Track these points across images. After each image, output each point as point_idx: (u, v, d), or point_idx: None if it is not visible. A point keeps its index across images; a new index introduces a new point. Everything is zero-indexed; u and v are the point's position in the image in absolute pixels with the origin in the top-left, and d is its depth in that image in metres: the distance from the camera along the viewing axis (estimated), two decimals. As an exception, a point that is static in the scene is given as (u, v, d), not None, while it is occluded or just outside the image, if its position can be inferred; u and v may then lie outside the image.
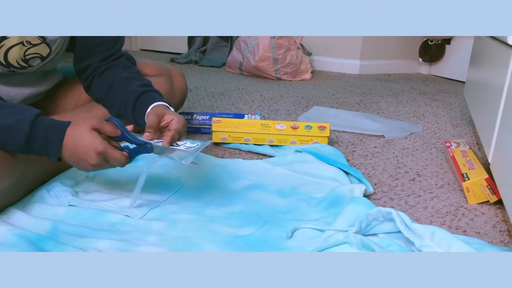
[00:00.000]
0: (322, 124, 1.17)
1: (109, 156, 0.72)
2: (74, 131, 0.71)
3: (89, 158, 0.70)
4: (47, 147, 0.71)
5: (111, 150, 0.72)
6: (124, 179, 0.91)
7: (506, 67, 0.86)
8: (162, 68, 1.11)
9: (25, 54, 0.84)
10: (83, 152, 0.71)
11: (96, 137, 0.71)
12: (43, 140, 0.70)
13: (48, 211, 0.76)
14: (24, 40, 0.82)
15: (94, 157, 0.70)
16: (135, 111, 0.89)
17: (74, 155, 0.71)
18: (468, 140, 1.35)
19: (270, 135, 1.17)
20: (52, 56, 0.89)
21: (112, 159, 0.72)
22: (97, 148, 0.70)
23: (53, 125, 0.72)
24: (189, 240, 0.70)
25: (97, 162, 0.71)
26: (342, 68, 2.66)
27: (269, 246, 0.70)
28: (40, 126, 0.71)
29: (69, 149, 0.71)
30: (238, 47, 2.38)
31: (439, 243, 0.62)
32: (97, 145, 0.70)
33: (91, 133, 0.71)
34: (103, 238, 0.69)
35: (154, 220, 0.76)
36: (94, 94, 0.99)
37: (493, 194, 0.88)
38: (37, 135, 0.70)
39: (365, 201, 0.79)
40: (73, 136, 0.71)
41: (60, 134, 0.71)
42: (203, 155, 1.06)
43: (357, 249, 0.65)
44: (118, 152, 0.73)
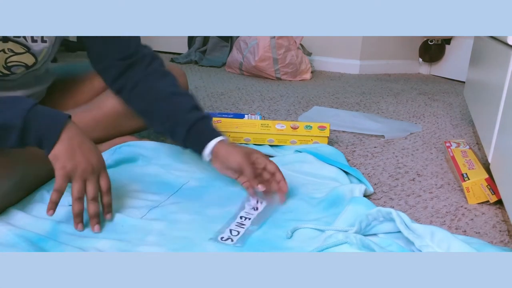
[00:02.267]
0: (322, 124, 1.17)
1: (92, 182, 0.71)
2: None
3: (91, 156, 0.70)
4: (44, 135, 0.68)
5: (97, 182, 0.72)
6: (124, 180, 0.91)
7: (506, 67, 0.86)
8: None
9: (6, 61, 0.81)
10: (88, 149, 0.70)
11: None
12: (39, 133, 0.68)
13: None
14: (5, 48, 0.79)
15: (92, 162, 0.70)
16: (188, 141, 0.86)
17: (71, 146, 0.69)
18: (468, 140, 1.35)
19: (270, 135, 1.17)
20: (39, 66, 0.87)
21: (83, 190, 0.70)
22: (97, 160, 0.71)
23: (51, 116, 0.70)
24: (190, 240, 0.70)
25: (84, 168, 0.69)
26: (342, 68, 2.66)
27: (269, 246, 0.70)
28: (35, 120, 0.67)
29: (68, 140, 0.69)
30: (238, 47, 2.38)
31: (439, 243, 0.62)
32: (99, 158, 0.72)
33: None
34: (103, 238, 0.69)
35: (154, 220, 0.76)
36: (133, 107, 0.93)
37: (493, 194, 0.88)
38: (31, 129, 0.67)
39: (365, 201, 0.79)
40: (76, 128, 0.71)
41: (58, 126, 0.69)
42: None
43: (357, 249, 0.65)
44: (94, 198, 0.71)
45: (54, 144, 0.68)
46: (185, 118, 0.86)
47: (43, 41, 0.85)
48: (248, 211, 0.79)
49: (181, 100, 0.89)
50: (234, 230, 0.72)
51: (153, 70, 0.92)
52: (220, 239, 0.70)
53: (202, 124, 0.86)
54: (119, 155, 0.98)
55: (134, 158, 1.00)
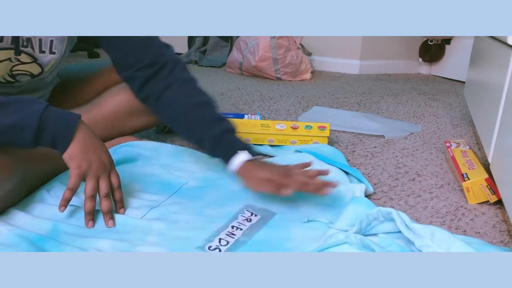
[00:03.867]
0: (322, 124, 1.17)
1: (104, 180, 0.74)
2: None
3: (103, 155, 0.74)
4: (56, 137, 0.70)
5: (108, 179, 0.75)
6: (125, 180, 0.91)
7: (506, 67, 0.86)
8: None
9: (11, 69, 0.81)
10: (100, 148, 0.73)
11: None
12: (53, 133, 0.70)
13: (49, 211, 0.76)
14: (12, 57, 0.79)
15: (103, 161, 0.73)
16: (216, 154, 0.87)
17: (86, 146, 0.72)
18: (468, 140, 1.35)
19: (270, 135, 1.17)
20: (45, 75, 0.87)
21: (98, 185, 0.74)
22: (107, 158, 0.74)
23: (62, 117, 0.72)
24: (190, 240, 0.70)
25: (97, 167, 0.72)
26: (342, 68, 2.66)
27: (269, 246, 0.70)
28: (49, 121, 0.69)
29: (82, 141, 0.72)
30: (238, 47, 2.38)
31: (439, 243, 0.62)
32: (109, 156, 0.76)
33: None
34: (103, 238, 0.70)
35: (154, 220, 0.76)
36: (161, 119, 0.95)
37: (493, 194, 0.88)
38: (46, 129, 0.69)
39: (365, 201, 0.79)
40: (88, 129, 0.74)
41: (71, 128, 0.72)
42: (203, 154, 1.06)
43: (357, 249, 0.65)
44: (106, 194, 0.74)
45: (69, 144, 0.70)
46: (209, 132, 0.86)
47: (52, 53, 0.84)
48: (241, 221, 0.76)
49: (203, 113, 0.88)
50: (223, 240, 0.70)
51: (174, 79, 0.90)
52: (208, 248, 0.68)
53: (225, 137, 0.86)
54: (119, 155, 0.98)
55: (134, 158, 1.00)
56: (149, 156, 1.01)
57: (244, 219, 0.77)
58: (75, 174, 0.71)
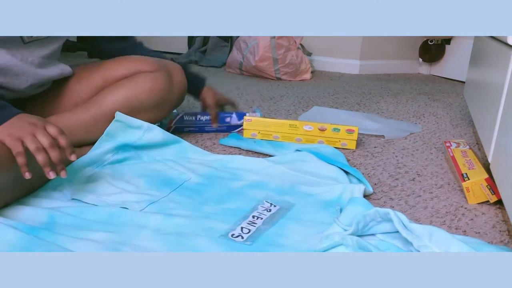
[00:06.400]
0: (350, 127, 1.19)
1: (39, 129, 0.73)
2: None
3: (30, 118, 0.75)
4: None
5: (45, 128, 0.74)
6: (127, 175, 0.92)
7: (506, 67, 0.86)
8: (160, 64, 1.10)
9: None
10: (25, 116, 0.75)
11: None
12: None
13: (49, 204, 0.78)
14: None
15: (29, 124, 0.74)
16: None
17: (11, 121, 0.74)
18: (468, 140, 1.35)
19: (298, 135, 1.20)
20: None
21: (41, 133, 0.73)
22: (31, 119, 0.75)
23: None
24: (184, 235, 0.71)
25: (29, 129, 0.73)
26: (342, 68, 2.65)
27: (263, 243, 0.70)
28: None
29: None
30: (238, 47, 2.38)
31: (438, 243, 0.62)
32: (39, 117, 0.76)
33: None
34: (99, 230, 0.71)
35: (151, 214, 0.76)
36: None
37: (493, 194, 0.88)
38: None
39: (363, 201, 0.79)
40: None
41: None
42: (205, 151, 1.06)
43: (353, 251, 0.65)
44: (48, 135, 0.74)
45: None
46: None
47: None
48: (261, 211, 0.80)
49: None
50: (245, 228, 0.74)
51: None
52: (231, 236, 0.72)
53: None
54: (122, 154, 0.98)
55: (139, 156, 1.00)
56: (154, 154, 1.02)
57: (264, 209, 0.81)
58: (9, 140, 0.71)
